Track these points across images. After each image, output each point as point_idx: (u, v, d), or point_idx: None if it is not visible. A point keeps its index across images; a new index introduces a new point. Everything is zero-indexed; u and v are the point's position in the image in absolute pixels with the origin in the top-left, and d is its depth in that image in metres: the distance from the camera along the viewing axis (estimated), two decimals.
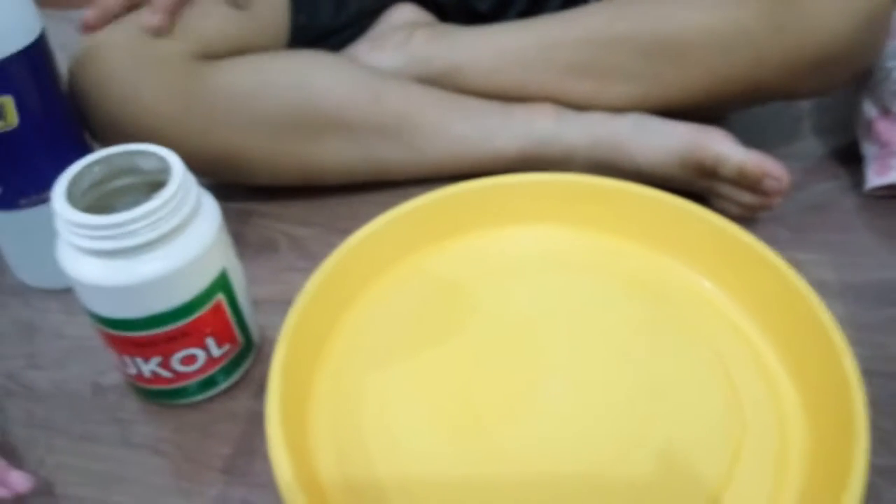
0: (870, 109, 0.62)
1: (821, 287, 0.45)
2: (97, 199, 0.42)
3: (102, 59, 0.54)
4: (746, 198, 0.56)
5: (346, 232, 0.50)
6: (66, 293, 0.54)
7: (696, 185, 0.58)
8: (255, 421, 0.46)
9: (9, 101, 0.46)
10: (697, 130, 0.56)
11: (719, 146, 0.55)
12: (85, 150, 0.53)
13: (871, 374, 0.46)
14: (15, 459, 0.44)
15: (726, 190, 0.56)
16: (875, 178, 0.60)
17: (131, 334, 0.41)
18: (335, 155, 0.61)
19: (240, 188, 0.63)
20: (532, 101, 0.62)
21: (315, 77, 0.59)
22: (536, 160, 0.61)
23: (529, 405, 0.43)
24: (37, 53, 0.47)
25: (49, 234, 0.42)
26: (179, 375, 0.44)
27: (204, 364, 0.44)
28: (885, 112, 0.60)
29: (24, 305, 0.55)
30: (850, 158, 0.65)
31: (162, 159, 0.41)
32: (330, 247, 0.48)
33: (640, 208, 0.52)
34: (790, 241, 0.57)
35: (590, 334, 0.47)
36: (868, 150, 0.62)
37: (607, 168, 0.59)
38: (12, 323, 0.54)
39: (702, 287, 0.50)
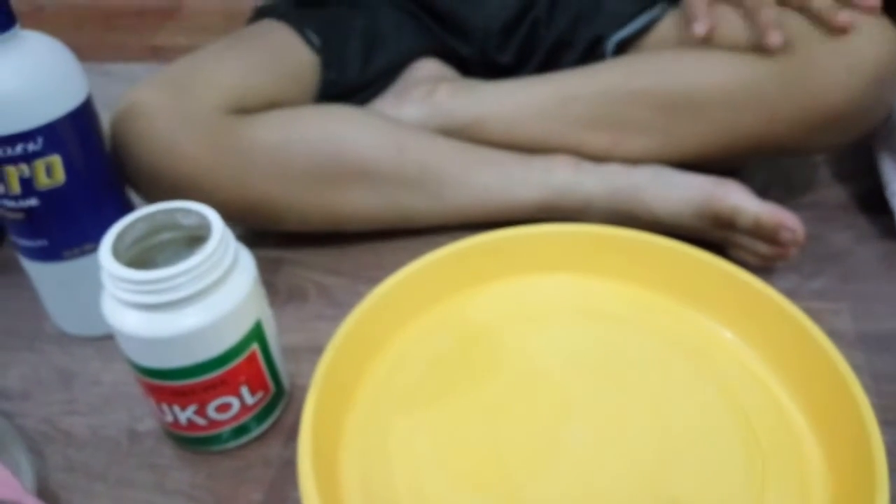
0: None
1: (838, 337, 0.46)
2: (140, 254, 0.44)
3: (142, 115, 0.57)
4: (762, 248, 0.57)
5: (373, 280, 0.51)
6: (103, 340, 0.56)
7: (712, 235, 0.59)
8: (287, 467, 0.47)
9: (57, 161, 0.48)
10: (714, 182, 0.58)
11: (735, 198, 0.56)
12: (126, 204, 0.56)
13: (890, 423, 0.47)
14: None
15: (743, 240, 0.57)
16: None
17: (170, 383, 0.43)
18: (362, 204, 0.63)
19: (270, 237, 0.65)
20: (551, 152, 0.64)
21: (342, 130, 0.62)
22: (555, 210, 0.63)
23: (552, 454, 0.44)
24: (84, 114, 0.50)
25: (88, 284, 0.43)
26: (214, 423, 0.46)
27: (238, 412, 0.46)
28: None
29: (62, 353, 0.57)
30: (865, 207, 0.66)
31: (202, 216, 0.44)
32: (358, 295, 0.50)
33: (659, 259, 0.53)
34: (807, 291, 0.58)
35: (611, 383, 0.48)
36: None
37: (625, 218, 0.60)
38: (51, 369, 0.56)
39: (722, 337, 0.51)
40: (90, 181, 0.51)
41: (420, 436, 0.46)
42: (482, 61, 0.73)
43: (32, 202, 0.49)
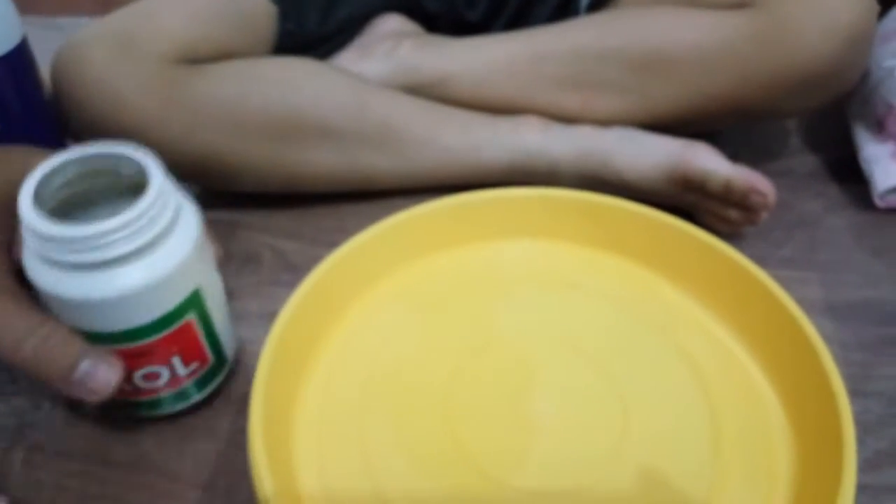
0: (872, 112, 0.62)
1: (808, 305, 0.45)
2: (69, 198, 0.39)
3: (84, 60, 0.53)
4: (732, 214, 0.56)
5: (332, 245, 0.49)
6: None
7: (682, 199, 0.58)
8: (237, 438, 0.45)
9: None
10: (684, 145, 0.56)
11: (706, 161, 0.55)
12: None
13: (859, 393, 0.46)
14: None
15: (713, 205, 0.56)
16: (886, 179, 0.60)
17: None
18: (321, 162, 0.60)
19: (225, 198, 0.62)
20: (519, 113, 0.62)
21: (301, 84, 0.59)
22: (523, 173, 0.61)
23: (514, 425, 0.43)
24: (17, 60, 0.47)
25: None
26: (141, 391, 0.43)
27: (168, 381, 0.43)
28: (890, 108, 0.60)
29: None
30: (837, 176, 0.65)
31: (139, 164, 0.40)
32: (315, 260, 0.47)
33: (627, 224, 0.52)
34: (776, 259, 0.57)
35: (575, 351, 0.47)
36: (876, 151, 0.61)
37: (594, 182, 0.59)
38: None
39: (689, 304, 0.50)
40: (27, 131, 0.48)
41: (378, 407, 0.44)
42: (449, 17, 0.70)
43: None
